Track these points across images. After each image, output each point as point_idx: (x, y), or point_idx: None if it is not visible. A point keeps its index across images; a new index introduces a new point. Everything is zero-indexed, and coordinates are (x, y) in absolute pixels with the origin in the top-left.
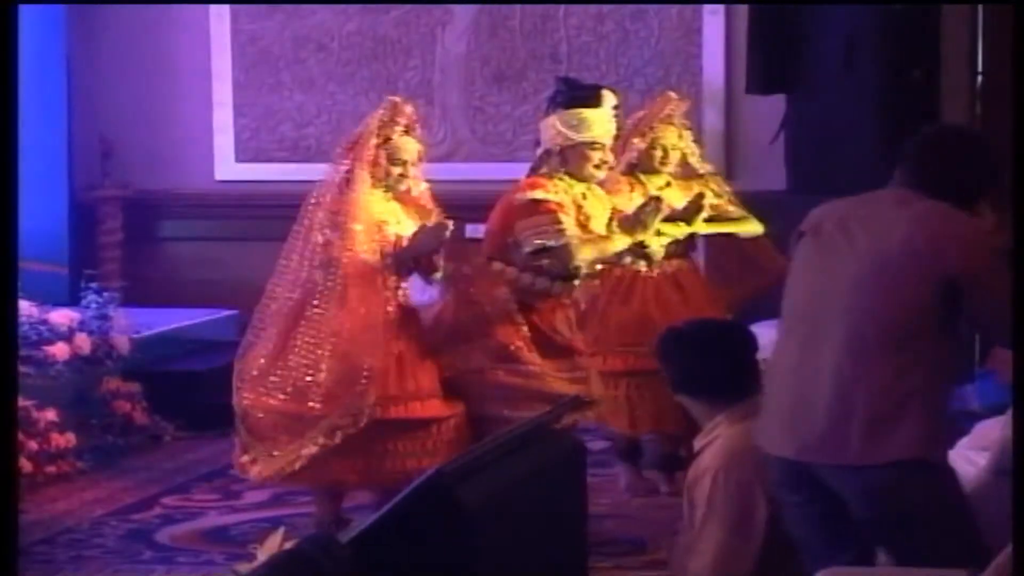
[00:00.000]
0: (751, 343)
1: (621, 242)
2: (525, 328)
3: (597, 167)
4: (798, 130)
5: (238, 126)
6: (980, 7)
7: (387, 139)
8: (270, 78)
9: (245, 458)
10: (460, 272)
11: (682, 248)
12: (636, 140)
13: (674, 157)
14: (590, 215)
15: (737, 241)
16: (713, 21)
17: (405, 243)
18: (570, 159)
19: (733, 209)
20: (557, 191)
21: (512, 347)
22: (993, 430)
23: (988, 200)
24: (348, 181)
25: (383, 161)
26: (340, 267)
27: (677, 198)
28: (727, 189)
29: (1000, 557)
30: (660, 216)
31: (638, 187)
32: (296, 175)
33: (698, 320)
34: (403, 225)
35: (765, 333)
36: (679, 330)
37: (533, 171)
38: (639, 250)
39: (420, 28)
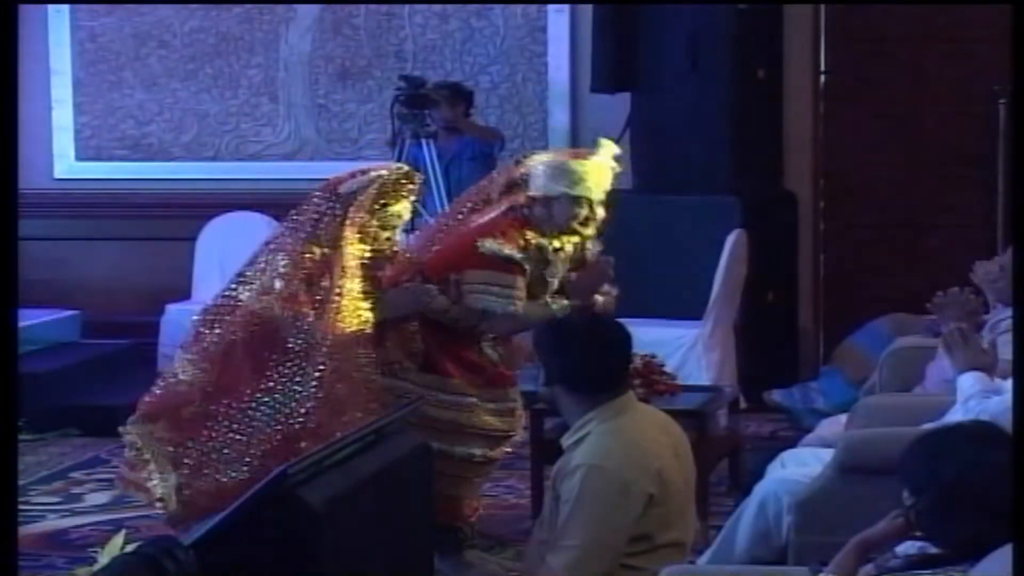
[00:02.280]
0: (628, 341)
1: (559, 308)
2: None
3: (583, 224)
4: (643, 129)
5: (78, 124)
6: (822, 7)
7: (385, 205)
8: (111, 75)
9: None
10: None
11: None
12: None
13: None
14: (554, 273)
15: None
16: (558, 19)
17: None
18: (551, 212)
19: None
20: (528, 243)
21: (447, 378)
22: (837, 428)
23: None
24: (318, 227)
25: (374, 226)
26: (316, 339)
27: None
28: None
29: (840, 554)
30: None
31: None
32: (138, 173)
33: (578, 318)
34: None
35: (643, 332)
36: (561, 323)
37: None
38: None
39: (263, 25)
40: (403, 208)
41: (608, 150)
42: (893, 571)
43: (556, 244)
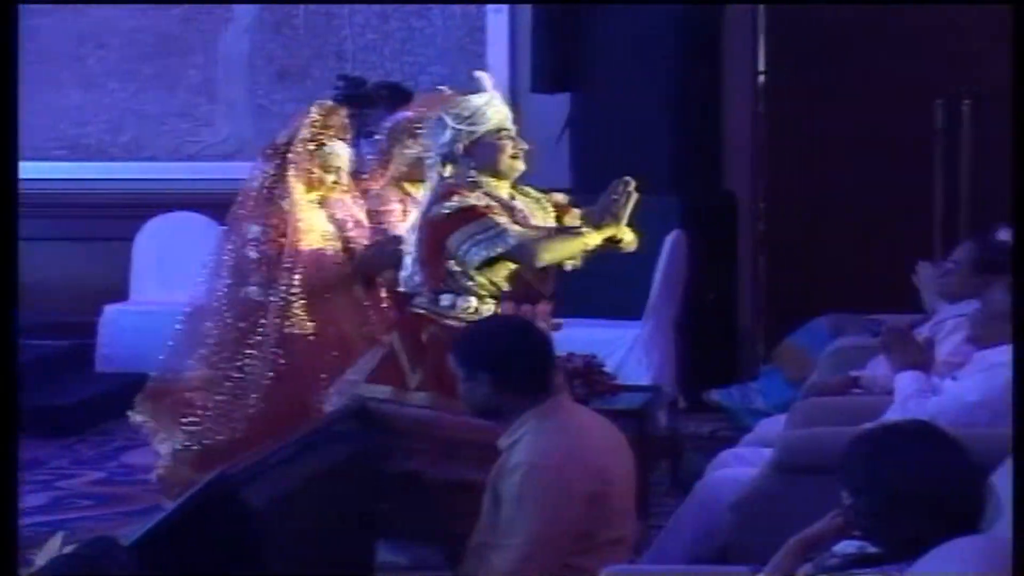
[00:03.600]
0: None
1: (592, 237)
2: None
3: (514, 157)
4: (582, 129)
5: None
6: (761, 7)
7: (320, 144)
8: (49, 75)
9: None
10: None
11: None
12: (409, 142)
13: None
14: (528, 215)
15: None
16: (497, 20)
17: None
18: (479, 157)
19: None
20: (478, 195)
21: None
22: (776, 427)
23: None
24: (273, 189)
25: (316, 168)
26: (290, 286)
27: None
28: None
29: (779, 553)
30: (632, 203)
31: (408, 202)
32: (76, 174)
33: (504, 316)
34: (352, 235)
35: (583, 332)
36: (493, 323)
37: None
38: (611, 246)
39: (203, 25)
40: (339, 147)
41: (485, 82)
42: (831, 570)
43: (505, 193)
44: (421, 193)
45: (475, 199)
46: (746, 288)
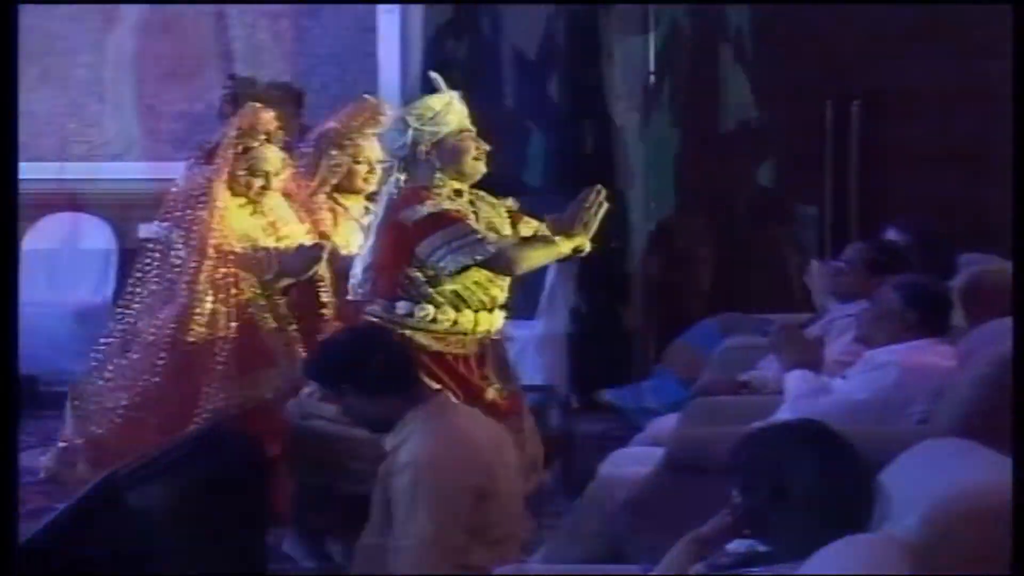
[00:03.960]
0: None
1: (564, 246)
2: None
3: (476, 159)
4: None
5: None
6: (651, 8)
7: (247, 148)
8: None
9: None
10: None
11: None
12: (334, 153)
13: (380, 174)
14: (491, 222)
15: None
16: (388, 20)
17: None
18: (443, 159)
19: None
20: (448, 199)
21: None
22: (668, 426)
23: None
24: (202, 195)
25: (242, 172)
26: (192, 292)
27: None
28: None
29: (671, 552)
30: (603, 212)
31: (340, 212)
32: None
33: (350, 326)
34: (286, 236)
35: None
36: (341, 336)
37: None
38: (572, 254)
39: (91, 24)
40: (266, 151)
41: (440, 82)
42: (723, 569)
43: (467, 196)
44: (354, 202)
45: (448, 203)
46: (638, 288)
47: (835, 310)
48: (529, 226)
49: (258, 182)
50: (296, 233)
